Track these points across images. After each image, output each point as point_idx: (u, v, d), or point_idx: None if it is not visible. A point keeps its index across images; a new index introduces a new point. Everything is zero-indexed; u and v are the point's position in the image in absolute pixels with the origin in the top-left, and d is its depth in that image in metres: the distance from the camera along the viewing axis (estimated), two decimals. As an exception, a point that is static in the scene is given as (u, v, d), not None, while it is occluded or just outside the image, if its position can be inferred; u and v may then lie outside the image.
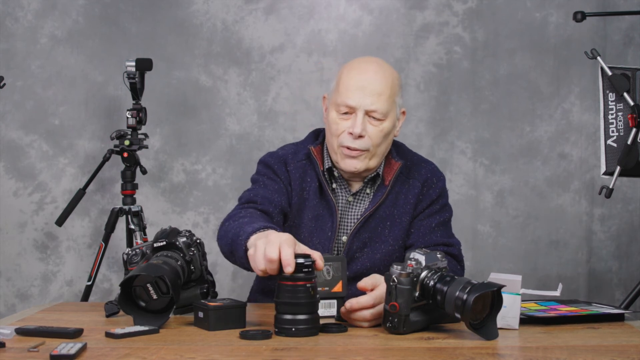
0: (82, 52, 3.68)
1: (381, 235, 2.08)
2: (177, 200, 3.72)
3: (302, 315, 1.59)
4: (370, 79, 2.02)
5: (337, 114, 2.03)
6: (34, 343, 1.49)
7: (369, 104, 2.00)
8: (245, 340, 1.55)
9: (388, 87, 2.02)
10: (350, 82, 2.02)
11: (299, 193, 2.08)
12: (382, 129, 2.02)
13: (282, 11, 3.73)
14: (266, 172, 2.11)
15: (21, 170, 3.67)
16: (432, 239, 2.08)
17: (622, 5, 3.75)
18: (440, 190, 2.15)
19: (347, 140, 2.01)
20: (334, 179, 2.11)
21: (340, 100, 2.02)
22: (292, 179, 2.08)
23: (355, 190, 2.11)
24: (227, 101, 3.73)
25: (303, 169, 2.10)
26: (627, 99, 3.02)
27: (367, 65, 2.07)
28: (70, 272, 3.69)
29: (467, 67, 3.76)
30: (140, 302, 1.66)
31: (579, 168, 3.79)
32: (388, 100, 2.02)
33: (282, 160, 2.11)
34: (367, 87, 2.00)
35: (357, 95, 2.00)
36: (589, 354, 1.49)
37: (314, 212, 2.07)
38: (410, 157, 2.17)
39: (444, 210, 2.15)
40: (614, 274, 3.82)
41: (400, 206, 2.09)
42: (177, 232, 1.84)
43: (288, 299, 1.59)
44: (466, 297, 1.54)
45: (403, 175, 2.12)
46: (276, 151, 2.17)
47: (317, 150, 2.11)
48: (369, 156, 2.03)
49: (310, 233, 2.07)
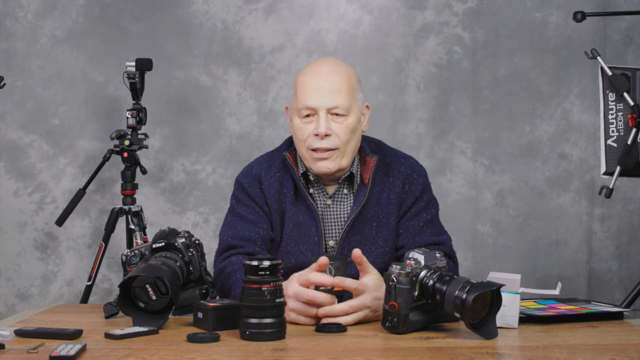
0: (82, 52, 3.68)
1: (370, 238, 2.07)
2: (177, 200, 3.72)
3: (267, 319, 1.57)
4: (326, 77, 2.02)
5: (299, 119, 2.03)
6: (34, 344, 1.49)
7: (329, 102, 2.00)
8: (193, 343, 1.53)
9: (345, 83, 2.02)
10: (307, 85, 2.02)
11: (277, 208, 2.08)
12: (348, 124, 2.01)
13: (282, 11, 3.73)
14: (242, 197, 2.10)
15: (21, 170, 3.67)
16: (422, 239, 2.07)
17: (622, 5, 3.75)
18: (422, 186, 2.12)
19: (315, 142, 2.00)
20: (310, 183, 2.09)
21: (301, 104, 2.02)
22: (267, 197, 2.08)
23: (332, 193, 2.09)
24: (227, 101, 3.73)
25: (279, 181, 2.09)
26: (627, 99, 3.02)
27: (320, 66, 2.08)
28: (70, 272, 3.69)
29: (467, 67, 3.76)
30: (139, 303, 1.66)
31: (579, 168, 3.79)
32: (347, 95, 2.01)
33: (256, 179, 2.10)
34: (324, 86, 2.01)
35: (315, 96, 2.00)
36: (589, 353, 1.49)
37: (294, 220, 2.06)
38: (388, 153, 2.15)
39: (430, 207, 2.12)
40: (614, 274, 3.82)
41: (384, 206, 2.08)
42: (176, 233, 1.84)
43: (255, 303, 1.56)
44: (465, 297, 1.54)
45: (381, 173, 2.10)
46: (251, 166, 2.16)
47: (292, 156, 2.10)
48: (340, 155, 2.02)
49: (294, 242, 2.06)
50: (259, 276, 1.56)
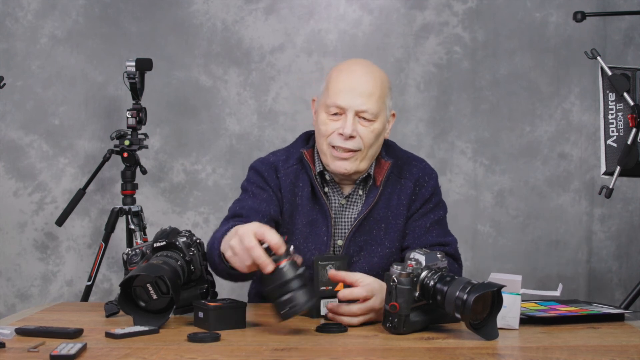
0: (82, 52, 3.68)
1: (377, 238, 2.07)
2: (177, 200, 3.72)
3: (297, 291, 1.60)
4: (360, 80, 2.02)
5: (326, 115, 2.03)
6: (34, 343, 1.49)
7: (359, 105, 1.99)
8: (194, 343, 1.53)
9: (378, 88, 2.02)
10: (340, 84, 2.02)
11: (290, 199, 2.07)
12: (373, 129, 2.01)
13: (282, 11, 3.73)
14: (256, 179, 2.10)
15: (21, 170, 3.67)
16: (428, 240, 2.08)
17: (622, 5, 3.75)
18: (433, 189, 2.13)
19: (337, 141, 2.00)
20: (325, 182, 2.10)
21: (330, 101, 2.01)
22: (282, 185, 2.07)
23: (348, 193, 2.10)
24: (227, 101, 3.73)
25: (295, 174, 2.09)
26: (627, 99, 3.02)
27: (356, 66, 2.07)
28: (70, 272, 3.69)
29: (467, 67, 3.76)
30: (140, 302, 1.66)
31: (579, 168, 3.79)
32: (378, 101, 2.01)
33: (272, 167, 2.10)
34: (357, 88, 2.00)
35: (347, 96, 2.00)
36: (589, 354, 1.49)
37: (307, 218, 2.06)
38: (401, 156, 2.16)
39: (438, 208, 2.13)
40: (614, 274, 3.82)
41: (394, 207, 2.09)
42: (177, 232, 1.84)
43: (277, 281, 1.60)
44: (466, 297, 1.54)
45: (394, 175, 2.11)
46: (267, 157, 2.16)
47: (309, 154, 2.10)
48: (360, 157, 2.02)
49: (305, 239, 2.06)
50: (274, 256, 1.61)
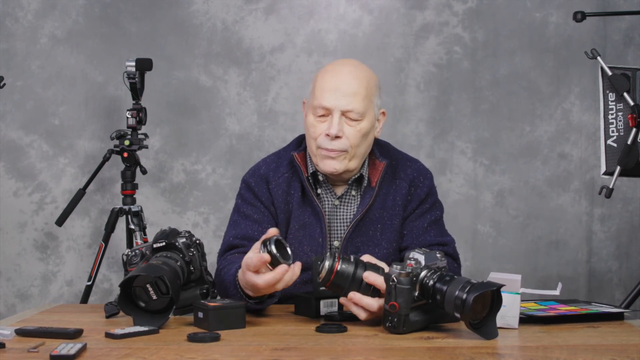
0: (82, 52, 3.68)
1: (374, 239, 2.07)
2: (177, 200, 3.72)
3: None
4: (344, 80, 2.02)
5: (314, 117, 2.03)
6: (34, 343, 1.49)
7: (345, 105, 1.99)
8: (193, 343, 1.54)
9: (363, 88, 2.02)
10: (325, 84, 2.02)
11: (284, 209, 2.08)
12: (360, 129, 2.01)
13: (282, 11, 3.73)
14: (247, 196, 2.10)
15: (21, 170, 3.67)
16: (426, 240, 2.08)
17: (622, 5, 3.75)
18: (428, 189, 2.13)
19: (325, 142, 2.00)
20: (318, 183, 2.10)
21: (316, 102, 2.02)
22: (274, 198, 2.08)
23: (341, 194, 2.10)
24: (227, 101, 3.73)
25: (287, 182, 2.09)
26: (627, 99, 3.02)
27: (341, 67, 2.07)
28: (70, 272, 3.69)
29: (467, 67, 3.76)
30: (140, 302, 1.66)
31: (579, 168, 3.79)
32: (364, 100, 2.01)
33: (263, 179, 2.10)
34: (341, 88, 2.00)
35: (332, 97, 2.00)
36: (589, 353, 1.49)
37: (300, 221, 2.07)
38: (395, 156, 2.16)
39: (435, 208, 2.14)
40: (614, 274, 3.82)
41: (389, 208, 2.09)
42: (177, 233, 1.84)
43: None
44: (466, 297, 1.54)
45: (389, 176, 2.11)
46: (258, 166, 2.15)
47: (300, 157, 2.10)
48: (348, 157, 2.02)
49: (299, 242, 2.06)
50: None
